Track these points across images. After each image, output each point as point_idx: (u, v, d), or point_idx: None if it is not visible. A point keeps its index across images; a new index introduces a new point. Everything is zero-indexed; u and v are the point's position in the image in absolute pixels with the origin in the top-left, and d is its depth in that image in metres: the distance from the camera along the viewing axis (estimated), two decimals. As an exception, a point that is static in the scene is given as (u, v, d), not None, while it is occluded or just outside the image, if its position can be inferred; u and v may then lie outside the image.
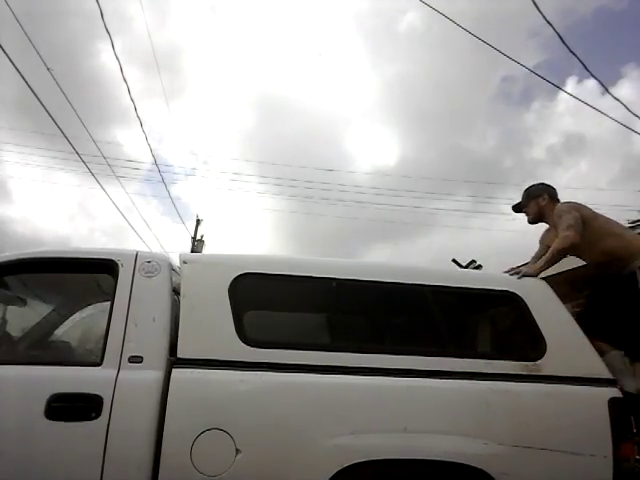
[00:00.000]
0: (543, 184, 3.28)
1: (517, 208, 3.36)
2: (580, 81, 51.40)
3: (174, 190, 48.31)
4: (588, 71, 5.85)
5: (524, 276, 2.64)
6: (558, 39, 5.36)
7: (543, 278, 2.68)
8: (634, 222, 6.35)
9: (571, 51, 5.75)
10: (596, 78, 6.21)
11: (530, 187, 3.29)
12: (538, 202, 3.19)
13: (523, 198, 3.29)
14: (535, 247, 3.28)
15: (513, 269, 3.04)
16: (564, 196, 3.20)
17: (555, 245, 2.89)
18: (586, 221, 2.96)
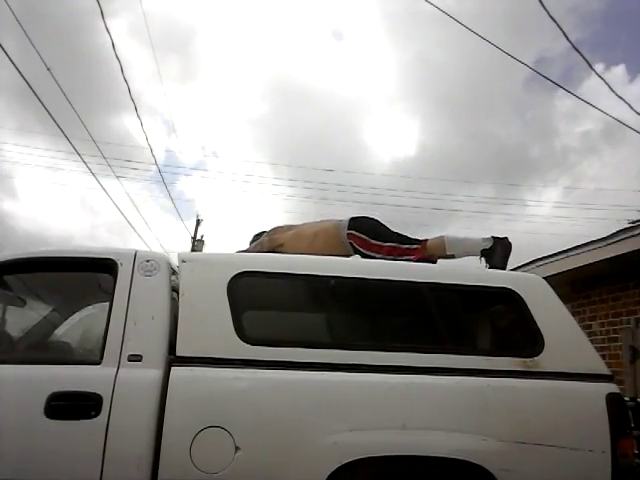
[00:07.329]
0: (254, 235, 3.77)
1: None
2: (608, 67, 50.63)
3: (178, 187, 48.42)
4: (593, 70, 5.90)
5: None
6: (596, 17, 5.42)
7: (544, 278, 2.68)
8: (634, 222, 6.36)
9: (575, 49, 5.80)
10: (601, 77, 6.25)
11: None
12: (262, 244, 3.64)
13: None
14: (539, 247, 3.29)
15: None
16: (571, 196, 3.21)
17: None
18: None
